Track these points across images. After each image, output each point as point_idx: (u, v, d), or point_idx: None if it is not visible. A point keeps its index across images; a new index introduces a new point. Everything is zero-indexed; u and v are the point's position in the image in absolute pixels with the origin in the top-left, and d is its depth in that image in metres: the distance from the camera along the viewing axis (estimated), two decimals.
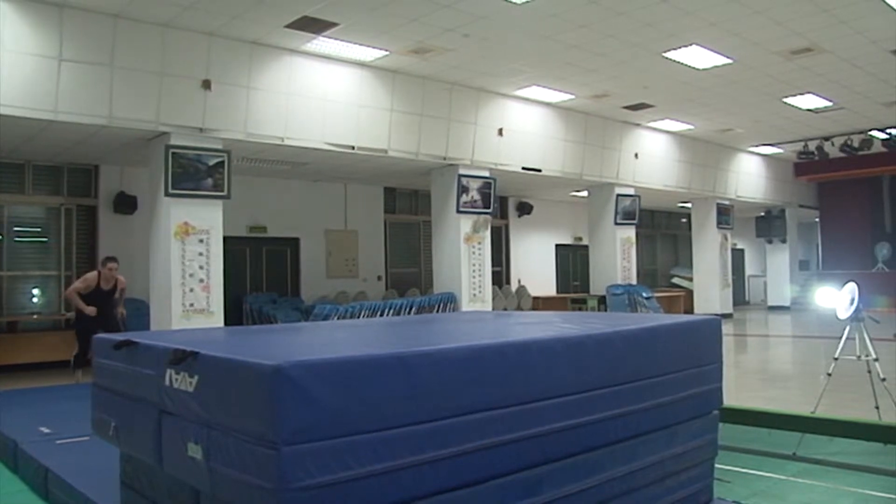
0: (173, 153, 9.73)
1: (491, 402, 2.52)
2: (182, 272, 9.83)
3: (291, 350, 2.75)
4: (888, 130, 17.18)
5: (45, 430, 5.71)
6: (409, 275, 17.10)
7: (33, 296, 12.07)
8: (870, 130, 17.21)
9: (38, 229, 12.21)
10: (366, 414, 2.21)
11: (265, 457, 2.08)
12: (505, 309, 16.36)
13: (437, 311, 12.67)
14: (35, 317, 11.80)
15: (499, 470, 2.55)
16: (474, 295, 13.19)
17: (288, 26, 9.71)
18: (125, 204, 12.44)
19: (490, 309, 13.39)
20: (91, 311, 8.69)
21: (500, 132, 13.55)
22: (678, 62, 11.64)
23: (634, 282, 16.50)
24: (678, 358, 3.48)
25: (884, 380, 5.52)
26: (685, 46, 10.96)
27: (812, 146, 18.16)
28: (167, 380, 2.58)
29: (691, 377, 3.56)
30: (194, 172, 9.94)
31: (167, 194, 9.76)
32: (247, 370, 2.20)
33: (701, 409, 3.68)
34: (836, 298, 6.09)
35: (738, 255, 24.83)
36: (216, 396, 2.32)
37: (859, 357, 5.70)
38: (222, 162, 10.16)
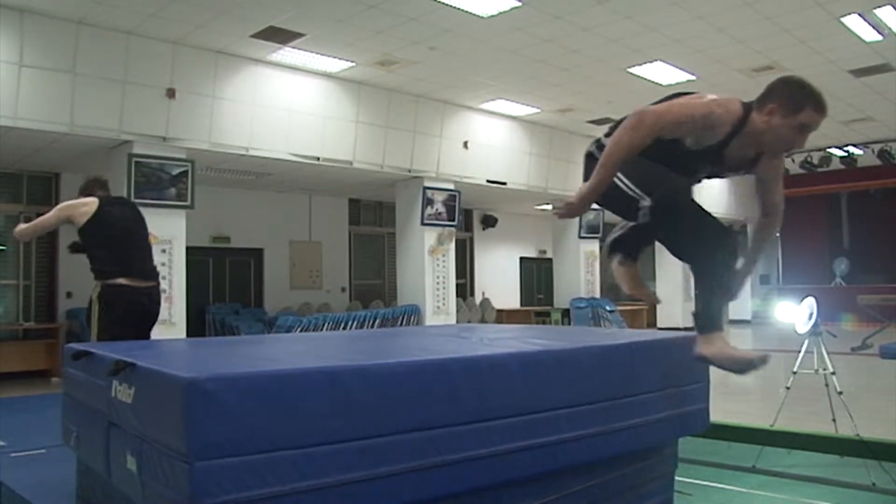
0: (136, 162, 9.61)
1: (433, 421, 2.40)
2: None
3: (226, 362, 2.66)
4: (846, 148, 17.56)
5: None
6: (373, 287, 17.04)
7: None
8: (828, 148, 17.58)
9: None
10: (289, 429, 2.11)
11: (180, 470, 2.01)
12: (469, 321, 16.36)
13: (401, 323, 12.61)
14: None
15: (442, 491, 2.44)
16: (438, 307, 13.18)
17: (254, 36, 9.66)
18: None
19: (454, 321, 13.38)
20: None
21: (466, 145, 13.59)
22: (642, 78, 11.79)
23: (598, 295, 16.60)
24: (655, 377, 3.29)
25: (840, 393, 5.58)
26: (649, 62, 11.10)
27: None
28: (113, 391, 2.54)
29: (669, 398, 3.33)
30: (157, 182, 9.82)
31: None
32: (167, 381, 2.13)
33: (683, 432, 3.52)
34: (795, 313, 6.16)
35: None
36: (148, 408, 2.26)
37: (817, 371, 5.76)
38: (186, 171, 10.05)
